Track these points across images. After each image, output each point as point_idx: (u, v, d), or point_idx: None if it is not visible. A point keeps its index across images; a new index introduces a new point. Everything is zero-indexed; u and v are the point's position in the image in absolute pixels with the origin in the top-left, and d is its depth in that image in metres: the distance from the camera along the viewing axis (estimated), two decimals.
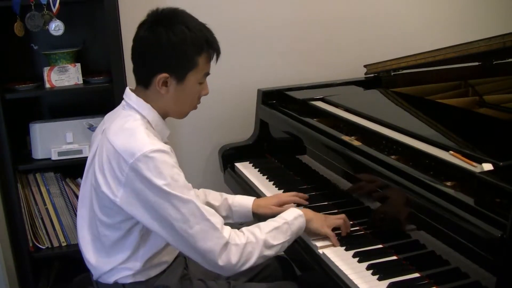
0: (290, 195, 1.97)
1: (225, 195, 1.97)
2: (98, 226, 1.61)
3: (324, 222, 1.71)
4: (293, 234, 1.67)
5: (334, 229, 1.72)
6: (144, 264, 1.62)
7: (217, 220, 1.54)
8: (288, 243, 1.66)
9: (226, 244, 1.52)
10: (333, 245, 1.67)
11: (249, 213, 1.93)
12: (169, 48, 1.55)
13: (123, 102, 1.66)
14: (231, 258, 1.53)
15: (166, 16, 1.58)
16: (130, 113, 1.61)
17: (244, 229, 1.61)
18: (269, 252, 1.60)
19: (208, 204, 1.93)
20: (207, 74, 1.65)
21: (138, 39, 1.60)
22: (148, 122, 1.61)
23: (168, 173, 1.48)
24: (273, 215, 1.79)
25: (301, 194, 1.97)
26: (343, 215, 1.75)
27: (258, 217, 1.93)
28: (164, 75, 1.56)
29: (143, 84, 1.61)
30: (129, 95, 1.63)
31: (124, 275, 1.63)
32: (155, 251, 1.63)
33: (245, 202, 1.94)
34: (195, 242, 1.49)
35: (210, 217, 1.51)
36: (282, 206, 1.91)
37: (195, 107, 1.71)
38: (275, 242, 1.61)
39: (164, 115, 1.66)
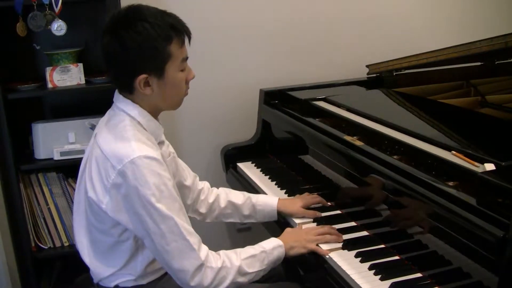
0: (314, 197, 1.98)
1: (247, 194, 1.97)
2: (93, 231, 1.61)
3: (306, 241, 1.69)
4: (270, 264, 1.66)
5: None
6: (144, 269, 1.62)
7: (195, 240, 1.52)
8: (264, 272, 1.65)
9: (201, 266, 1.51)
10: (336, 249, 1.66)
11: (273, 212, 1.93)
12: (137, 49, 1.49)
13: (113, 105, 1.63)
14: (204, 280, 1.52)
15: (124, 17, 1.52)
16: (119, 116, 1.58)
17: (221, 252, 1.60)
18: (242, 279, 1.59)
19: (230, 203, 1.94)
20: (186, 58, 1.59)
21: (105, 48, 1.54)
22: (139, 123, 1.57)
23: (153, 182, 1.46)
24: (298, 216, 1.89)
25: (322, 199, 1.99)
26: (325, 228, 1.74)
27: (284, 216, 1.94)
28: (143, 76, 1.51)
29: (126, 90, 1.58)
30: (117, 98, 1.61)
31: (124, 279, 1.63)
32: (153, 256, 1.62)
33: (270, 201, 1.95)
34: (170, 258, 1.49)
35: (188, 236, 1.50)
36: (307, 207, 1.94)
37: (186, 94, 1.64)
38: (249, 270, 1.60)
39: (156, 112, 1.63)
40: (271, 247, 1.66)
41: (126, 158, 1.45)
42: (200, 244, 1.54)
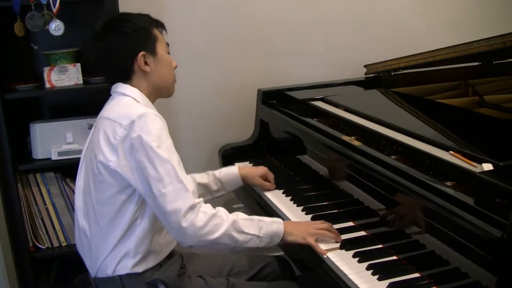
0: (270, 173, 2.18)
1: (209, 171, 2.07)
2: (94, 206, 1.66)
3: (306, 233, 1.70)
4: (267, 236, 1.67)
5: None
6: (138, 243, 1.65)
7: (190, 185, 1.60)
8: (260, 241, 1.67)
9: (193, 206, 1.57)
10: (334, 249, 1.66)
11: (238, 179, 2.09)
12: (133, 32, 1.69)
13: (112, 95, 1.75)
14: (197, 222, 1.56)
15: (112, 19, 1.75)
16: (120, 97, 1.71)
17: (220, 207, 1.66)
18: (236, 235, 1.62)
19: (199, 184, 2.01)
20: (168, 44, 1.80)
21: (105, 45, 1.71)
22: (139, 103, 1.69)
23: (155, 131, 1.58)
24: (257, 185, 2.13)
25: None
26: (326, 225, 1.73)
27: (246, 184, 2.13)
28: (142, 53, 1.70)
29: (126, 77, 1.73)
30: (116, 85, 1.74)
31: (120, 256, 1.65)
32: (150, 229, 1.67)
33: (231, 170, 2.10)
34: (165, 201, 1.55)
35: (184, 180, 1.58)
36: (266, 179, 2.14)
37: (175, 80, 1.81)
38: (245, 229, 1.64)
39: (152, 97, 1.76)
40: (270, 220, 1.71)
41: (135, 114, 1.59)
42: (196, 192, 1.63)
